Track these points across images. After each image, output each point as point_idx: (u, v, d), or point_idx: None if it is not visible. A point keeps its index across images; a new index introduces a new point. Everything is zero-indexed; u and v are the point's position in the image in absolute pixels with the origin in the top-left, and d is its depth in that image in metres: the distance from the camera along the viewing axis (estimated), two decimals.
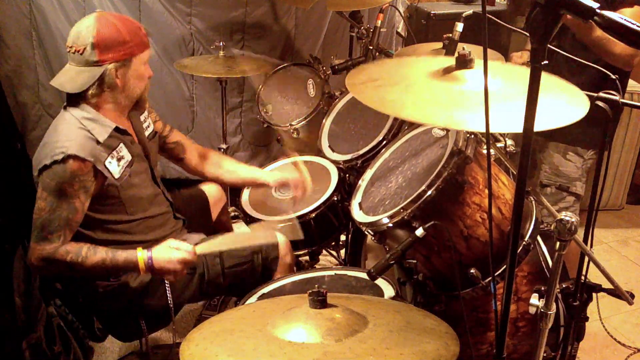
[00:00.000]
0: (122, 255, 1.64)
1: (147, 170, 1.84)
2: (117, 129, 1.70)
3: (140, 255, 1.64)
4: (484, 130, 0.91)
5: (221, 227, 2.28)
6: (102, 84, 1.65)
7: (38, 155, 1.63)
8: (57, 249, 1.59)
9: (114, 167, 1.67)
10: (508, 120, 1.05)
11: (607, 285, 1.49)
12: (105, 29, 1.61)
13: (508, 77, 1.22)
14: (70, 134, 1.62)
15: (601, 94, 1.26)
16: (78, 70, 1.64)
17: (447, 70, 1.22)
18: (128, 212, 1.76)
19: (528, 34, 0.83)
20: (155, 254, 1.65)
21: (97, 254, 1.62)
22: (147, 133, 1.87)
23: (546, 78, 0.84)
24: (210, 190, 2.25)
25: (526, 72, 0.83)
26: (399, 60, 1.58)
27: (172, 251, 1.65)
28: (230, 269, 1.88)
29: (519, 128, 0.86)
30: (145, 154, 1.83)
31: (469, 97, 1.14)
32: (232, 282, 1.90)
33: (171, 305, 1.80)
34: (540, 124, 0.89)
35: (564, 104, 1.12)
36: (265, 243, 1.90)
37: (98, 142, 1.64)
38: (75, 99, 1.66)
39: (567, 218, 1.09)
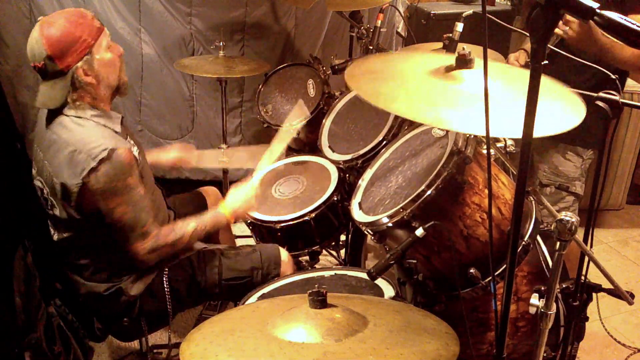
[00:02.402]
0: (207, 216, 1.82)
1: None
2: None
3: (223, 208, 1.85)
4: (469, 131, 0.91)
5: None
6: (77, 88, 1.62)
7: (70, 166, 1.57)
8: (157, 237, 1.69)
9: (135, 151, 1.70)
10: (504, 124, 1.04)
11: (607, 285, 1.48)
12: (53, 36, 1.55)
13: (507, 78, 1.21)
14: (95, 133, 1.61)
15: (601, 94, 1.25)
16: (49, 85, 1.62)
17: (447, 69, 1.22)
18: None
19: (528, 34, 0.83)
20: (230, 200, 1.86)
21: (189, 225, 1.76)
22: None
23: (542, 82, 0.83)
24: (209, 192, 2.26)
25: (524, 74, 0.83)
26: (403, 55, 1.58)
27: (241, 192, 1.89)
28: (228, 281, 1.88)
29: (517, 132, 0.85)
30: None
31: (463, 97, 1.14)
32: (227, 293, 1.92)
33: (169, 308, 1.80)
34: (538, 131, 0.87)
35: (560, 109, 1.11)
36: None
37: (116, 132, 1.67)
38: (62, 107, 1.64)
39: (567, 218, 1.08)
